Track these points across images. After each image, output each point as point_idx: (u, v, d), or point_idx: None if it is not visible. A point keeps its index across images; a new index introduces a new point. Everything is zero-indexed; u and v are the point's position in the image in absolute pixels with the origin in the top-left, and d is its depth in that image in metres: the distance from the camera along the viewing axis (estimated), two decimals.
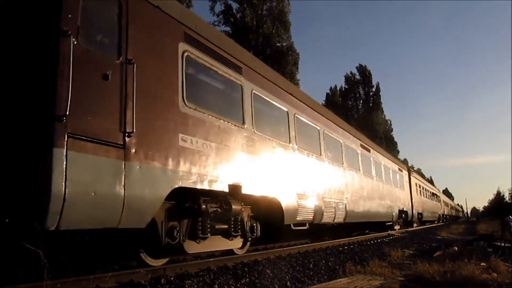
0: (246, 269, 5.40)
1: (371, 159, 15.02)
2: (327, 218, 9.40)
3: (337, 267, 6.55)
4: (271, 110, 7.89)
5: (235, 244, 6.55)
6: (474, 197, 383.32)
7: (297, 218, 7.80)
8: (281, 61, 32.88)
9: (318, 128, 9.96)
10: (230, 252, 6.79)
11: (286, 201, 7.34)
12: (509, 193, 79.51)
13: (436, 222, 37.94)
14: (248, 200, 6.63)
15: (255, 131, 6.76)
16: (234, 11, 33.65)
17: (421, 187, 28.06)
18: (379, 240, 12.45)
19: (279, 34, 33.85)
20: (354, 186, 12.01)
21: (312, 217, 8.49)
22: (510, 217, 18.49)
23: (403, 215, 19.73)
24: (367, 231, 17.01)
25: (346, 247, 9.61)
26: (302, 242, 11.09)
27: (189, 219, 5.35)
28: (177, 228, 5.09)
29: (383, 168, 16.70)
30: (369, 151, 14.87)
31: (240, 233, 6.40)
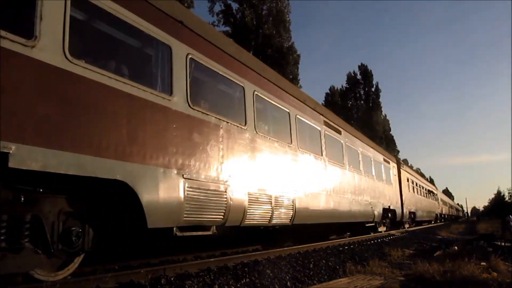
0: (246, 269, 5.38)
1: (343, 143, 11.75)
2: (255, 219, 6.53)
3: (337, 267, 6.51)
4: (128, 38, 4.98)
5: (18, 265, 3.53)
6: (474, 197, 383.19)
7: (185, 219, 4.94)
8: (281, 61, 32.90)
9: (244, 86, 6.79)
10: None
11: (151, 190, 4.45)
12: (509, 193, 79.51)
13: (432, 222, 35.11)
14: (60, 185, 3.84)
15: (72, 60, 3.77)
16: (234, 11, 33.70)
17: (414, 183, 24.88)
18: (379, 240, 12.40)
19: (280, 34, 33.86)
20: (311, 176, 8.94)
21: (221, 218, 5.63)
22: (511, 216, 18.46)
23: (390, 214, 16.90)
24: (348, 233, 14.51)
25: (346, 247, 9.57)
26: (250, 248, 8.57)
27: None
28: None
29: (361, 157, 13.39)
30: (339, 132, 11.59)
31: (24, 245, 3.52)
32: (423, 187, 29.15)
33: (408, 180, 22.34)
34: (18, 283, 3.76)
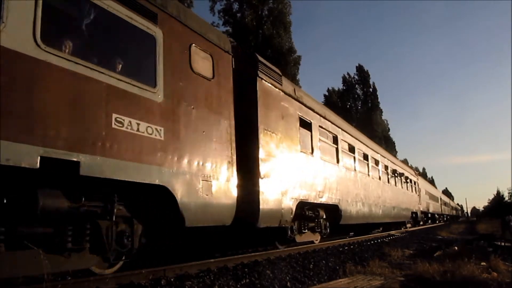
0: (246, 270, 5.40)
1: None
2: None
3: (337, 267, 6.52)
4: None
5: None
6: (474, 197, 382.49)
7: None
8: (281, 62, 32.90)
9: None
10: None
11: None
12: (509, 193, 79.50)
13: (409, 225, 22.25)
14: None
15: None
16: (234, 11, 33.74)
17: (348, 146, 12.29)
18: (379, 241, 12.44)
19: (279, 35, 33.87)
20: None
21: None
22: (510, 216, 18.48)
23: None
24: None
25: (346, 247, 9.59)
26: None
27: None
28: None
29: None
30: None
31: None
32: (377, 162, 15.72)
33: (316, 128, 9.54)
34: (18, 283, 3.77)
